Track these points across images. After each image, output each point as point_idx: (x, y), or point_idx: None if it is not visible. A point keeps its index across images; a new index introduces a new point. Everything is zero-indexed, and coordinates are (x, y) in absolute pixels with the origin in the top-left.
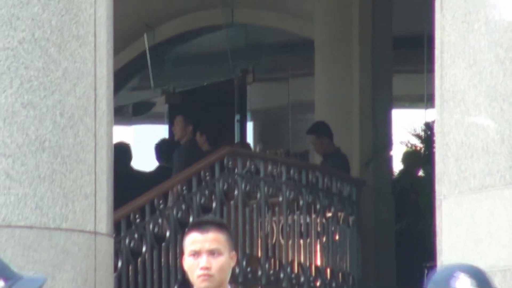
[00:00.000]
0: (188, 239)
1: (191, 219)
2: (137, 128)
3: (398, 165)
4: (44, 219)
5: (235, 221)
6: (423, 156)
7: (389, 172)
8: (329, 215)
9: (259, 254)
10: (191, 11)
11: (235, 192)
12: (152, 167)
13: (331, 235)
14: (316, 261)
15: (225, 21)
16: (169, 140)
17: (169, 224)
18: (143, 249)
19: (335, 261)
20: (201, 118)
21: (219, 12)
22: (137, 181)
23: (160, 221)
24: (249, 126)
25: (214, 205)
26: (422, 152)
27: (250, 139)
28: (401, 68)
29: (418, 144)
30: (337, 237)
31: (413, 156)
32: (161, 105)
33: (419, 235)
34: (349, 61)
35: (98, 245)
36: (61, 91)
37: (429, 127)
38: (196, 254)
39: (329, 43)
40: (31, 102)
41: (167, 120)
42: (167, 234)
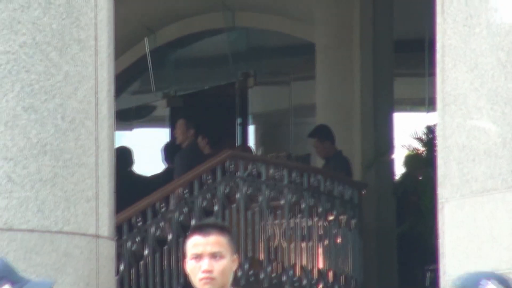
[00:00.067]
0: (190, 242)
1: (193, 222)
2: (138, 131)
3: (399, 168)
4: (46, 223)
5: (237, 224)
6: (425, 159)
7: (391, 175)
8: (331, 218)
9: (261, 257)
10: (192, 14)
11: (237, 195)
12: (152, 170)
13: (333, 238)
14: (318, 264)
15: (226, 25)
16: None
17: (171, 227)
18: (145, 252)
19: (337, 264)
20: (203, 121)
21: (220, 15)
22: (139, 185)
23: (162, 224)
24: (251, 129)
25: (216, 208)
26: (424, 155)
27: (251, 143)
28: (402, 71)
29: (419, 147)
30: (339, 240)
31: (415, 159)
32: (162, 109)
33: (421, 238)
34: (350, 65)
35: (100, 248)
36: (62, 95)
37: (430, 131)
38: (198, 257)
39: (330, 47)
40: (32, 105)
41: (169, 123)
42: (169, 237)
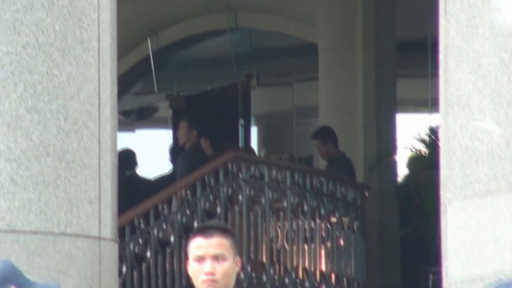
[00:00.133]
0: (192, 244)
1: (195, 224)
2: (141, 133)
3: (402, 170)
4: (48, 224)
5: (240, 226)
6: (428, 160)
7: (394, 177)
8: (334, 220)
9: (264, 259)
10: (194, 15)
11: (240, 197)
12: (155, 171)
13: (335, 240)
14: (321, 266)
15: (229, 26)
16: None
17: (174, 229)
18: (148, 254)
19: (340, 266)
20: (205, 122)
21: (223, 16)
22: (143, 188)
23: (164, 226)
24: (253, 130)
25: (218, 210)
26: (426, 157)
27: (254, 144)
28: (405, 72)
29: (422, 148)
30: (342, 242)
31: (418, 160)
32: (165, 110)
33: (424, 240)
34: (353, 66)
35: (102, 250)
36: (65, 96)
37: (433, 132)
38: (200, 259)
39: (333, 48)
40: (35, 107)
41: (171, 124)
42: (172, 239)
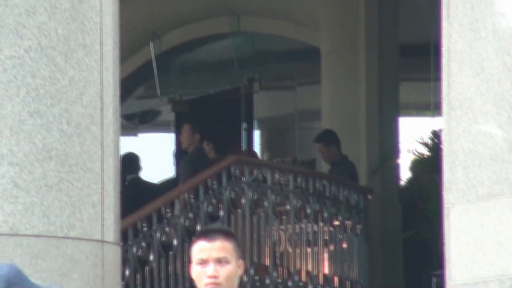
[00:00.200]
0: (195, 248)
1: (198, 228)
2: (143, 136)
3: (405, 173)
4: (51, 228)
5: (243, 230)
6: (431, 164)
7: (396, 180)
8: (337, 223)
9: (267, 262)
10: (197, 19)
11: (243, 200)
12: (158, 174)
13: (338, 243)
14: (323, 269)
15: (232, 29)
16: None
17: (177, 232)
18: (151, 257)
19: (343, 269)
20: (208, 126)
21: (226, 20)
22: (147, 192)
23: (167, 229)
24: (256, 134)
25: (221, 213)
26: (430, 160)
27: (257, 148)
28: (408, 76)
29: (425, 152)
30: (345, 245)
31: (421, 164)
32: (168, 113)
33: (427, 243)
34: (356, 69)
35: (105, 254)
36: (67, 100)
37: (436, 135)
38: (203, 262)
39: (335, 51)
40: (37, 110)
41: (174, 128)
42: (175, 242)
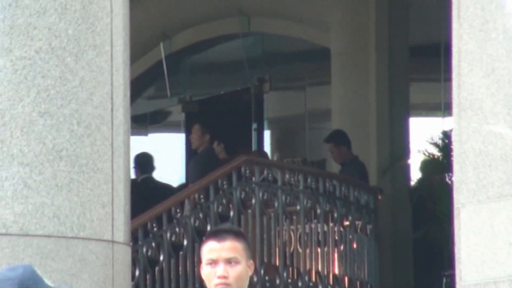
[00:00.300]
0: (205, 248)
1: (208, 228)
2: (153, 137)
3: (415, 174)
4: (61, 228)
5: (253, 230)
6: (441, 164)
7: (407, 180)
8: (347, 223)
9: (277, 262)
10: (207, 20)
11: (253, 200)
12: (168, 174)
13: (348, 243)
14: (334, 269)
15: (242, 30)
16: None
17: (187, 232)
18: (161, 257)
19: (353, 269)
20: (218, 126)
21: (236, 21)
22: (160, 192)
23: (177, 229)
24: (266, 134)
25: (231, 213)
26: (440, 160)
27: (267, 148)
28: (418, 76)
29: (435, 152)
30: (355, 246)
31: (431, 164)
32: (178, 114)
33: (437, 243)
34: (366, 70)
35: (115, 254)
36: (78, 100)
37: (446, 136)
38: (213, 262)
39: (345, 52)
40: (48, 111)
41: (184, 129)
42: (185, 242)
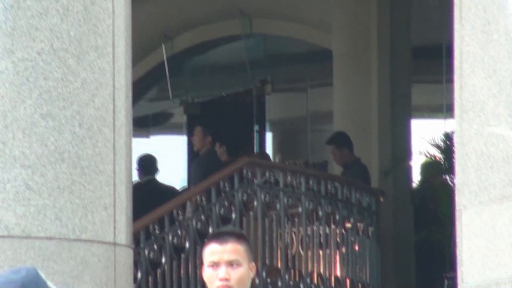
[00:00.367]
0: (207, 250)
1: (210, 230)
2: (155, 139)
3: (417, 175)
4: (63, 230)
5: (255, 232)
6: (443, 166)
7: (409, 182)
8: (349, 225)
9: (279, 265)
10: (209, 21)
11: (255, 202)
12: (170, 176)
13: (350, 245)
14: (335, 271)
15: (244, 32)
16: None
17: (188, 235)
18: (163, 260)
19: (355, 271)
20: (220, 128)
21: (238, 22)
22: (164, 194)
23: (179, 232)
24: (268, 136)
25: (233, 215)
26: (442, 162)
27: (269, 150)
28: (420, 78)
29: (437, 154)
30: (357, 248)
31: (433, 166)
32: (180, 116)
33: (439, 245)
34: (368, 71)
35: (117, 256)
36: (79, 102)
37: (448, 138)
38: (215, 265)
39: (347, 53)
40: (50, 113)
41: (186, 130)
42: (187, 245)
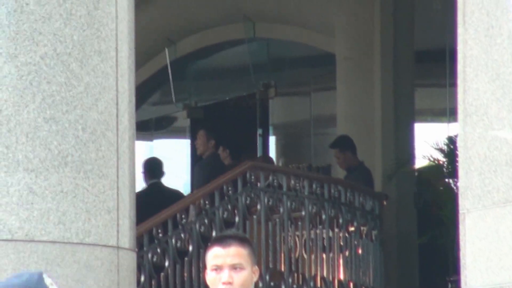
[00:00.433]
0: (210, 254)
1: (213, 234)
2: (158, 143)
3: (420, 179)
4: (67, 234)
5: (258, 236)
6: (446, 170)
7: (412, 186)
8: (352, 229)
9: (282, 268)
10: (212, 25)
11: (258, 206)
12: (173, 180)
13: (354, 249)
14: (339, 275)
15: (247, 36)
16: None
17: (192, 238)
18: (166, 263)
19: (358, 275)
20: (223, 132)
21: (241, 26)
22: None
23: (182, 235)
24: (271, 140)
25: (236, 219)
26: (445, 166)
27: (272, 154)
28: (423, 82)
29: (440, 158)
30: (360, 251)
31: (436, 170)
32: (183, 120)
33: (442, 248)
34: (371, 75)
35: (121, 260)
36: (83, 106)
37: (452, 141)
38: (218, 268)
39: (351, 57)
40: (53, 117)
41: (189, 134)
42: (190, 248)
